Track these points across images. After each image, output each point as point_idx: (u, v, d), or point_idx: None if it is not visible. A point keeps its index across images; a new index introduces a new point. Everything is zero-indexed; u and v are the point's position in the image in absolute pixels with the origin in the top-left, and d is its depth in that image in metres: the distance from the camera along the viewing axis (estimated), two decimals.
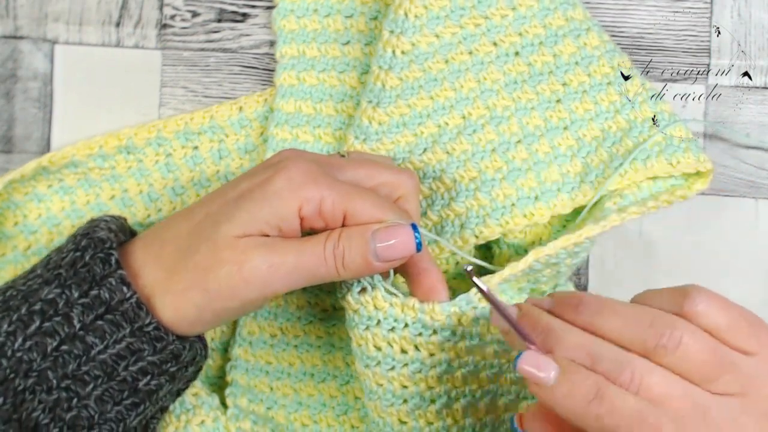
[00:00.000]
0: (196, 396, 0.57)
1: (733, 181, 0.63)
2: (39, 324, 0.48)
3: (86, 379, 0.48)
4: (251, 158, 0.63)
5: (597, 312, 0.44)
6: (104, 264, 0.49)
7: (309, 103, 0.63)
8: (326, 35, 0.63)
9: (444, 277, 0.54)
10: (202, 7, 0.64)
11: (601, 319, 0.44)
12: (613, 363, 0.43)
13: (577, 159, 0.59)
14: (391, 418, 0.53)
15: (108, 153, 0.62)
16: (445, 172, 0.59)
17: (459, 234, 0.59)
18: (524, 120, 0.60)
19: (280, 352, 0.61)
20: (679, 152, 0.59)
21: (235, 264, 0.48)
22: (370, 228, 0.50)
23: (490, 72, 0.60)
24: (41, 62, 0.64)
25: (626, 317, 0.44)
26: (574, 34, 0.61)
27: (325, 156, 0.55)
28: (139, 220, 0.62)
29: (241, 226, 0.49)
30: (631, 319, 0.44)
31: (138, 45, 0.64)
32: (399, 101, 0.59)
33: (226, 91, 0.64)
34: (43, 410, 0.48)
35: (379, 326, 0.52)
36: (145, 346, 0.49)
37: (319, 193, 0.49)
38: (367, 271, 0.50)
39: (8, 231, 0.61)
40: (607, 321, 0.44)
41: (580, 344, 0.44)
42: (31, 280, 0.50)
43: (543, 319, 0.45)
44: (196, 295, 0.49)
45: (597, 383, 0.42)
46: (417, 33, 0.59)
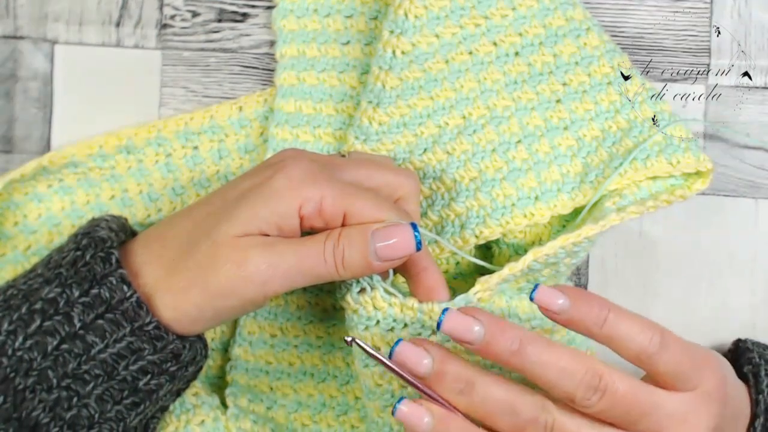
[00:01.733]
0: (196, 396, 0.57)
1: (733, 181, 0.63)
2: (39, 323, 0.48)
3: (86, 378, 0.48)
4: (251, 158, 0.63)
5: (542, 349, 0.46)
6: (105, 263, 0.49)
7: (309, 103, 0.63)
8: (326, 35, 0.63)
9: (444, 277, 0.54)
10: (202, 7, 0.64)
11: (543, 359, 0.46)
12: (529, 415, 0.46)
13: (578, 159, 0.59)
14: (391, 418, 0.53)
15: (108, 153, 0.62)
16: (446, 172, 0.59)
17: (459, 234, 0.59)
18: (524, 120, 0.60)
19: (280, 352, 0.61)
20: (679, 152, 0.59)
21: (234, 263, 0.48)
22: (370, 227, 0.50)
23: (491, 72, 0.60)
24: (41, 62, 0.64)
25: (565, 364, 0.46)
26: (574, 34, 0.61)
27: (326, 156, 0.55)
28: (139, 220, 0.62)
29: (241, 225, 0.49)
30: (567, 370, 0.46)
31: (138, 45, 0.64)
32: (399, 101, 0.59)
33: (226, 91, 0.64)
34: (43, 409, 0.48)
35: (378, 326, 0.52)
36: (146, 346, 0.49)
37: (319, 192, 0.49)
38: (366, 271, 0.50)
39: (8, 231, 0.61)
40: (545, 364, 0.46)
41: (501, 398, 0.46)
42: (31, 279, 0.50)
43: (466, 373, 0.47)
44: (196, 293, 0.49)
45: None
46: (417, 33, 0.59)
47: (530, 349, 0.46)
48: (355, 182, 0.52)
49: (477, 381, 0.46)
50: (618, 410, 0.46)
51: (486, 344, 0.46)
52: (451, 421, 0.46)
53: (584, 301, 0.47)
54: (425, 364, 0.46)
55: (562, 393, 0.46)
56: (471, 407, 0.47)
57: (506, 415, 0.46)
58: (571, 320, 0.47)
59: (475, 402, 0.46)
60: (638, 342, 0.46)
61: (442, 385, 0.47)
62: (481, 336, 0.46)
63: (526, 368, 0.46)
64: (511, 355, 0.46)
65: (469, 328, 0.46)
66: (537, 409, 0.46)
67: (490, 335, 0.46)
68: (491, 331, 0.46)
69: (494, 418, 0.46)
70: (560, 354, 0.46)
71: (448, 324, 0.46)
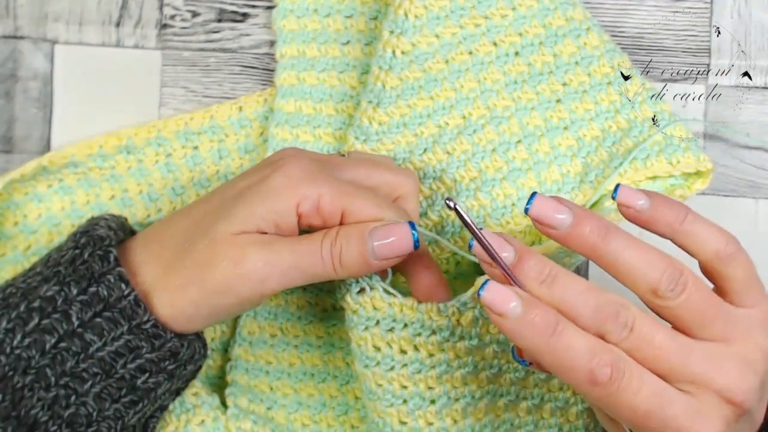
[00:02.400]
0: (196, 396, 0.57)
1: (733, 181, 0.63)
2: (38, 321, 0.48)
3: (84, 377, 0.48)
4: (251, 158, 0.63)
5: (624, 245, 0.46)
6: (103, 261, 0.49)
7: (309, 103, 0.63)
8: (326, 35, 0.63)
9: (444, 276, 0.54)
10: (202, 7, 0.64)
11: (625, 254, 0.45)
12: (612, 308, 0.44)
13: (578, 159, 0.59)
14: (391, 418, 0.53)
15: (108, 153, 0.62)
16: (446, 172, 0.59)
17: (459, 234, 0.59)
18: (524, 120, 0.60)
19: (280, 352, 0.61)
20: (679, 152, 0.59)
21: (231, 260, 0.48)
22: (367, 226, 0.49)
23: (491, 72, 0.60)
24: (41, 62, 0.64)
25: (647, 260, 0.45)
26: (574, 34, 0.61)
27: (325, 155, 0.55)
28: (139, 220, 0.62)
29: (239, 223, 0.49)
30: (650, 263, 0.45)
31: (138, 45, 0.64)
32: (399, 101, 0.59)
33: (226, 91, 0.64)
34: (41, 407, 0.48)
35: (378, 326, 0.52)
36: (143, 344, 0.49)
37: (317, 190, 0.49)
38: (364, 270, 0.50)
39: (8, 231, 0.61)
40: (627, 258, 0.45)
41: (583, 291, 0.45)
42: (30, 277, 0.50)
43: (548, 264, 0.46)
44: (193, 290, 0.49)
45: (557, 319, 0.44)
46: (417, 33, 0.59)
47: (616, 238, 0.45)
48: (354, 181, 0.52)
49: (559, 273, 0.45)
50: (693, 310, 0.45)
51: (571, 231, 0.46)
52: (539, 308, 0.44)
53: (663, 201, 0.47)
54: (507, 252, 0.46)
55: (644, 284, 0.45)
56: (552, 299, 0.45)
57: (587, 308, 0.44)
58: (651, 218, 0.47)
59: (556, 293, 0.45)
60: (716, 241, 0.47)
61: (523, 273, 0.45)
62: (568, 223, 0.46)
63: (610, 258, 0.45)
64: (595, 243, 0.45)
65: (558, 210, 0.46)
66: (618, 305, 0.45)
67: (577, 221, 0.45)
68: (578, 218, 0.45)
69: (575, 312, 0.45)
70: (644, 246, 0.45)
71: (535, 208, 0.46)
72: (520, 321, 0.44)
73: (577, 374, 0.43)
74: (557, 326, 0.43)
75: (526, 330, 0.44)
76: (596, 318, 0.44)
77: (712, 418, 0.44)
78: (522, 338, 0.44)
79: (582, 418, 0.57)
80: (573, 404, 0.57)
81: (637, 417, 0.44)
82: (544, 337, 0.43)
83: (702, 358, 0.45)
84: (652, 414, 0.44)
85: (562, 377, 0.44)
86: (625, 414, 0.44)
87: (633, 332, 0.44)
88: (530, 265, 0.45)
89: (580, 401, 0.57)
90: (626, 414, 0.44)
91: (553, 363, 0.44)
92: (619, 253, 0.45)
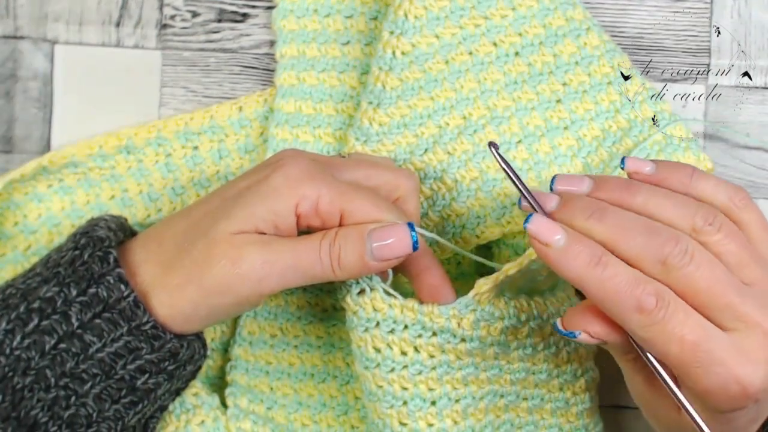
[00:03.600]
0: (196, 396, 0.57)
1: (733, 181, 0.63)
2: (37, 322, 0.48)
3: (84, 378, 0.48)
4: (251, 158, 0.63)
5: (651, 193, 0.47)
6: (102, 262, 0.49)
7: (309, 103, 0.63)
8: (326, 35, 0.63)
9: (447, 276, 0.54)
10: (202, 7, 0.64)
11: (654, 200, 0.47)
12: (670, 233, 0.45)
13: (578, 159, 0.59)
14: (391, 419, 0.53)
15: (108, 153, 0.62)
16: (447, 173, 0.59)
17: (460, 234, 0.59)
18: (525, 120, 0.60)
19: (280, 352, 0.61)
20: (679, 151, 0.59)
21: (230, 260, 0.48)
22: (366, 227, 0.49)
23: (491, 72, 0.60)
24: (41, 62, 0.64)
25: (676, 201, 0.47)
26: (574, 34, 0.61)
27: (325, 156, 0.55)
28: (139, 220, 0.62)
29: (238, 222, 0.49)
30: (681, 203, 0.47)
31: (138, 45, 0.64)
32: (399, 102, 0.59)
33: (226, 91, 0.64)
34: (41, 408, 0.48)
35: (379, 328, 0.52)
36: (143, 345, 0.49)
37: (317, 190, 0.49)
38: (363, 271, 0.50)
39: (8, 231, 0.61)
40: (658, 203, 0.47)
41: (637, 219, 0.46)
42: (30, 278, 0.50)
43: (596, 201, 0.47)
44: (192, 290, 0.49)
45: (601, 251, 0.45)
46: (417, 34, 0.59)
47: (645, 185, 0.48)
48: (353, 182, 0.52)
49: (608, 207, 0.46)
50: (733, 245, 0.46)
51: (596, 189, 0.48)
52: (584, 240, 0.45)
53: (669, 163, 0.50)
54: (553, 201, 0.48)
55: (681, 218, 0.46)
56: (604, 230, 0.45)
57: (644, 235, 0.45)
58: (663, 180, 0.48)
59: (609, 223, 0.45)
60: (727, 189, 0.48)
61: (571, 212, 0.46)
62: (591, 185, 0.48)
63: (641, 201, 0.47)
64: (626, 189, 0.47)
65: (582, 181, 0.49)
66: (675, 233, 0.45)
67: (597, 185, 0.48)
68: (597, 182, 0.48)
69: (632, 241, 0.45)
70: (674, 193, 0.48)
71: (559, 187, 0.49)
72: (564, 251, 0.45)
73: (623, 302, 0.44)
74: (602, 257, 0.44)
75: (570, 260, 0.45)
76: (654, 242, 0.45)
77: (759, 357, 0.44)
78: (567, 268, 0.45)
79: (582, 418, 0.57)
80: (573, 404, 0.57)
81: (685, 349, 0.44)
82: (589, 267, 0.44)
83: (754, 297, 0.45)
84: (700, 346, 0.44)
85: (608, 307, 0.45)
86: (674, 347, 0.44)
87: (693, 260, 0.45)
88: (578, 201, 0.47)
89: (580, 401, 0.57)
90: (674, 347, 0.44)
91: (598, 292, 0.44)
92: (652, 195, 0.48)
